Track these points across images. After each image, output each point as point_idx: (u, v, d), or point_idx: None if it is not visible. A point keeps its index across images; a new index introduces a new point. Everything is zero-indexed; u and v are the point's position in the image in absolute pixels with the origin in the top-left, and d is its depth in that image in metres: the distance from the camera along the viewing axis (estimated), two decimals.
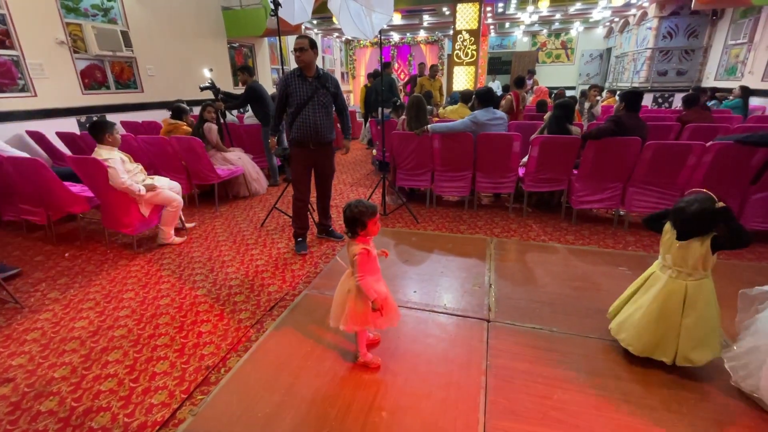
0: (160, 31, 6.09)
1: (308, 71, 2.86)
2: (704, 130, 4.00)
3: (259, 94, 4.84)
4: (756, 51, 6.47)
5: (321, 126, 2.92)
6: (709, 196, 1.57)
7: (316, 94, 2.87)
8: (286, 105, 2.97)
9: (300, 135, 2.93)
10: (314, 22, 10.59)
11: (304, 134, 2.93)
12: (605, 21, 11.48)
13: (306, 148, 2.99)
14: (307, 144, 2.97)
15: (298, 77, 2.87)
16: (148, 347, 2.05)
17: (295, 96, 2.87)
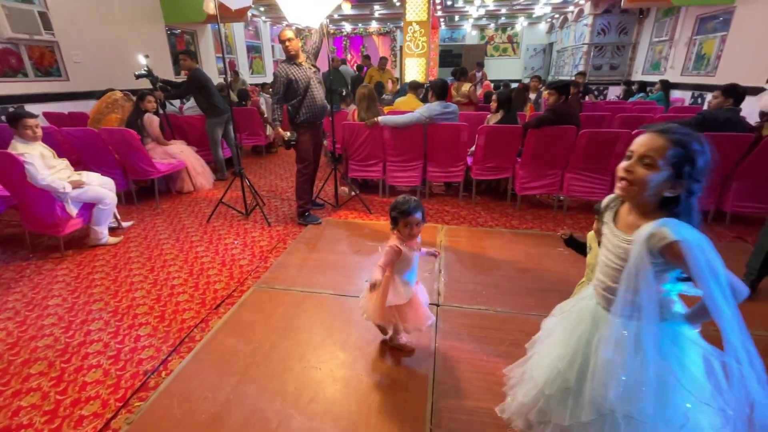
0: (86, 13, 5.54)
1: (299, 58, 3.13)
2: (632, 119, 4.35)
3: (203, 83, 4.54)
4: (676, 47, 7.09)
5: (325, 101, 3.28)
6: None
7: (314, 75, 3.17)
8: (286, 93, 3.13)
9: (311, 115, 3.20)
10: (261, 9, 10.16)
11: (314, 113, 3.21)
12: (547, 17, 12.06)
13: (314, 127, 3.29)
14: (316, 122, 3.28)
15: (293, 65, 3.10)
16: (77, 356, 1.89)
17: (299, 82, 3.09)
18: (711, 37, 6.17)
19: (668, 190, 0.90)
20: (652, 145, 0.90)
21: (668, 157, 0.88)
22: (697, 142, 0.89)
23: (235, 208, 3.72)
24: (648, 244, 0.88)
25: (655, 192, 0.91)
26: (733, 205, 3.28)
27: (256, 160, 6.09)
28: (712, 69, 6.04)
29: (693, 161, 0.87)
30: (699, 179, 0.89)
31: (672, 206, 0.91)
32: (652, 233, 0.87)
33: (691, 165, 0.88)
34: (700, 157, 0.88)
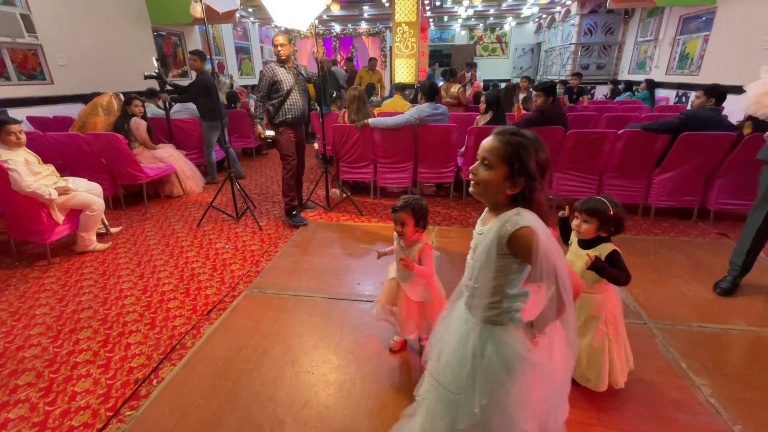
0: (70, 15, 5.45)
1: (288, 62, 3.28)
2: (619, 119, 4.42)
3: (210, 87, 4.49)
4: (660, 47, 7.22)
5: (304, 108, 3.40)
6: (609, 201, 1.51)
7: (297, 80, 3.31)
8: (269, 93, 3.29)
9: (290, 117, 3.33)
10: (249, 10, 10.09)
11: (293, 116, 3.33)
12: (534, 17, 12.17)
13: (294, 128, 3.41)
14: (295, 124, 3.40)
15: (281, 67, 3.26)
16: (66, 366, 1.87)
17: (283, 84, 3.24)
18: (694, 37, 6.29)
19: (509, 188, 0.95)
20: (489, 147, 0.96)
21: (502, 157, 0.94)
22: (526, 142, 0.94)
23: (226, 212, 3.70)
24: (499, 232, 0.94)
25: (498, 190, 0.96)
26: (717, 202, 3.35)
27: (246, 163, 6.05)
28: (696, 68, 6.16)
29: (522, 160, 0.92)
30: (533, 176, 0.94)
31: (519, 202, 0.97)
32: (506, 219, 0.94)
33: (520, 163, 0.93)
34: (529, 155, 0.93)
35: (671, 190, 3.41)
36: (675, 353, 1.89)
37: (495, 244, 0.95)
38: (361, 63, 12.03)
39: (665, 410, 1.58)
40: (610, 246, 1.50)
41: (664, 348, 1.93)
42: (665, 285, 2.48)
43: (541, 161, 0.94)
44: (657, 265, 2.72)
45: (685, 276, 2.58)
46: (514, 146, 0.93)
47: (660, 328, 2.07)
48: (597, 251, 1.49)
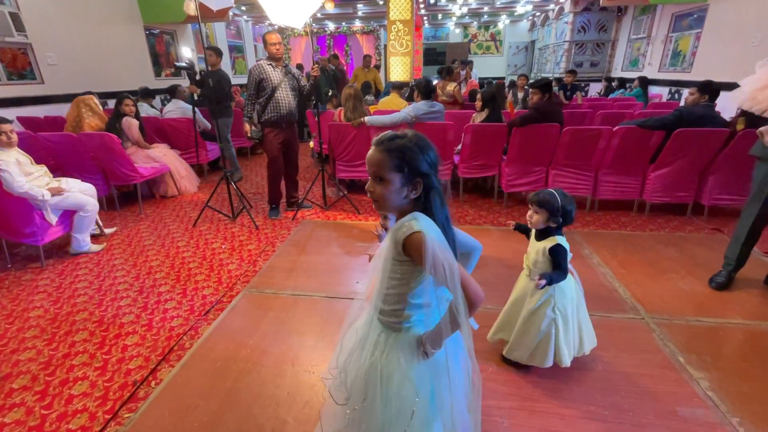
0: (60, 14, 5.37)
1: (278, 62, 3.31)
2: (613, 116, 4.44)
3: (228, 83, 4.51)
4: (653, 45, 7.27)
5: (292, 107, 3.38)
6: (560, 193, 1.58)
7: (285, 79, 3.31)
8: (258, 91, 3.31)
9: (275, 116, 3.33)
10: (243, 8, 10.01)
11: (279, 115, 3.33)
12: (528, 15, 12.20)
13: (279, 128, 3.40)
14: (281, 124, 3.38)
15: (269, 66, 3.27)
16: (62, 368, 1.85)
17: (269, 81, 3.25)
18: (686, 34, 6.34)
19: (410, 193, 0.92)
20: (374, 160, 0.93)
21: (391, 166, 0.90)
22: (408, 143, 0.91)
23: (222, 212, 3.67)
24: (394, 237, 0.92)
25: (398, 199, 0.93)
26: (711, 198, 3.39)
27: (242, 162, 6.00)
28: (688, 65, 6.21)
29: (410, 162, 0.90)
30: (425, 175, 0.92)
31: (420, 204, 0.95)
32: (402, 224, 0.91)
33: (409, 166, 0.90)
34: (415, 155, 0.90)
35: (666, 186, 3.44)
36: (672, 347, 1.90)
37: (392, 250, 0.93)
38: (356, 62, 12.00)
39: (664, 404, 1.60)
40: (555, 239, 1.59)
41: (661, 342, 1.94)
42: (661, 280, 2.51)
43: (429, 158, 0.92)
44: (653, 261, 2.74)
45: (680, 271, 2.60)
46: (397, 152, 0.90)
47: (657, 323, 2.09)
48: (546, 243, 1.60)
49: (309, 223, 3.55)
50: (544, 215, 1.57)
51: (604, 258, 2.78)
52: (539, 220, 1.59)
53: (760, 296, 2.32)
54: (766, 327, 2.06)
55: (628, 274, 2.57)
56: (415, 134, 0.94)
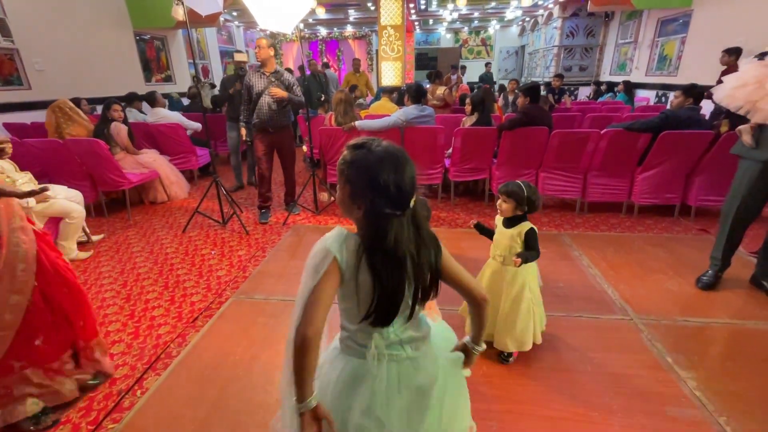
0: (48, 19, 5.33)
1: (266, 68, 3.37)
2: (602, 119, 4.50)
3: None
4: (640, 49, 7.40)
5: (274, 113, 3.40)
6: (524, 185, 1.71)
7: (268, 87, 3.34)
8: (250, 97, 3.43)
9: (259, 121, 3.43)
10: (234, 13, 10.02)
11: (261, 120, 3.42)
12: (518, 20, 12.36)
13: (266, 132, 3.48)
14: (267, 128, 3.45)
15: (256, 72, 3.39)
16: None
17: (254, 87, 3.37)
18: (672, 38, 6.46)
19: (355, 208, 0.86)
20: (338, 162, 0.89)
21: (342, 175, 0.86)
22: (362, 157, 0.83)
23: (212, 217, 3.64)
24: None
25: (348, 211, 0.88)
26: (697, 199, 3.44)
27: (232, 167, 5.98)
28: (674, 69, 6.33)
29: (352, 179, 0.84)
30: (360, 193, 0.83)
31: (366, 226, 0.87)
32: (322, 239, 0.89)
33: (344, 178, 0.85)
34: (361, 174, 0.82)
35: (653, 188, 3.49)
36: (660, 347, 1.92)
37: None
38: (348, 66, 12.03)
39: (652, 404, 1.60)
40: (528, 224, 1.74)
41: (649, 343, 1.96)
42: (649, 281, 2.53)
43: (375, 181, 0.80)
44: (641, 262, 2.77)
45: (668, 272, 2.63)
46: (348, 163, 0.84)
47: (645, 323, 2.10)
48: (518, 229, 1.74)
49: (300, 228, 3.53)
50: (512, 204, 1.73)
51: (593, 259, 2.80)
52: (508, 209, 1.74)
53: (746, 296, 2.35)
54: (751, 326, 2.09)
55: (617, 275, 2.60)
56: (384, 149, 0.83)
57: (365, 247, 0.85)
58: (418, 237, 0.88)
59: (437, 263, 0.92)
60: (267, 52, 3.30)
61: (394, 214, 0.83)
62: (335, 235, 0.87)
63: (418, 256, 0.87)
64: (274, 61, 3.43)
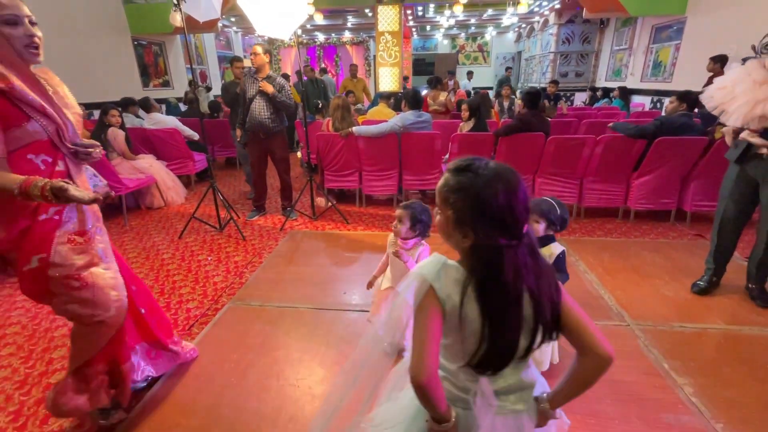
0: (45, 24, 5.26)
1: (259, 73, 3.42)
2: (598, 124, 4.53)
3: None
4: (634, 55, 7.47)
5: (265, 118, 3.44)
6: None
7: (261, 92, 3.38)
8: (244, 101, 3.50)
9: (251, 126, 3.50)
10: (232, 19, 10.06)
11: (252, 125, 3.48)
12: (514, 27, 12.47)
13: (258, 138, 3.55)
14: (258, 133, 3.52)
15: (250, 78, 3.45)
16: (38, 387, 1.79)
17: (246, 93, 3.45)
18: (666, 45, 6.53)
19: (460, 237, 0.77)
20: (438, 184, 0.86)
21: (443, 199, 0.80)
22: (469, 182, 0.74)
23: (209, 223, 3.63)
24: None
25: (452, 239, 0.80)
26: (693, 204, 3.46)
27: (229, 172, 5.98)
28: (669, 75, 6.39)
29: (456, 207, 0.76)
30: (473, 229, 0.74)
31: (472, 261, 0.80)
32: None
33: (448, 204, 0.78)
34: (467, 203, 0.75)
35: (649, 193, 3.50)
36: (657, 354, 1.92)
37: None
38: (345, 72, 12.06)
39: (649, 410, 1.60)
40: (559, 246, 1.66)
41: (646, 349, 1.96)
42: (646, 286, 2.53)
43: (488, 210, 0.72)
44: (638, 267, 2.78)
45: (664, 277, 2.64)
46: (451, 188, 0.76)
47: (642, 329, 2.10)
48: (548, 251, 1.64)
49: (297, 233, 3.53)
50: (545, 224, 1.64)
51: (590, 265, 2.80)
52: (539, 229, 1.64)
53: (741, 301, 2.36)
54: (747, 332, 2.09)
55: (613, 280, 2.60)
56: (494, 170, 0.73)
57: (476, 281, 0.75)
58: (537, 267, 0.76)
59: (557, 298, 0.78)
60: (262, 59, 3.36)
61: (509, 245, 0.73)
62: (432, 263, 0.79)
63: (538, 290, 0.75)
64: (268, 67, 3.47)
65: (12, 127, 1.20)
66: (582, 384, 0.82)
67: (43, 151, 1.28)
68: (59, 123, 1.30)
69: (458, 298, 0.75)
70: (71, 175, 1.35)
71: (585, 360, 0.80)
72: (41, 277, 1.28)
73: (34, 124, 1.24)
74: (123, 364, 1.52)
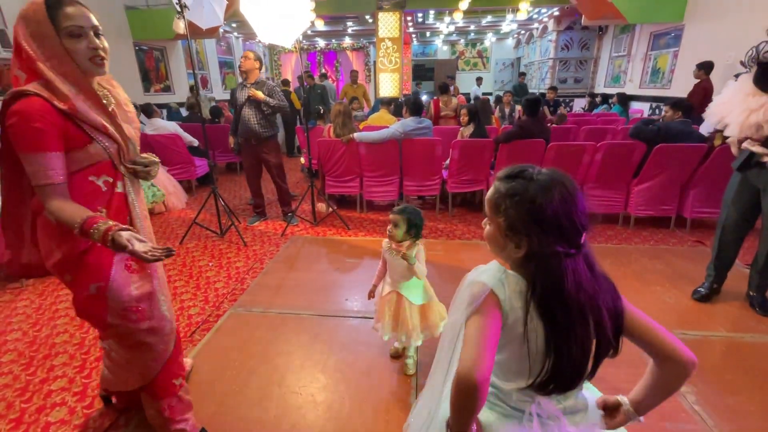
0: None
1: (249, 79, 3.40)
2: (597, 131, 4.56)
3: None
4: (633, 62, 7.53)
5: (254, 124, 3.44)
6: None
7: (250, 98, 3.37)
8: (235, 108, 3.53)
9: (242, 132, 3.52)
10: (233, 25, 10.12)
11: (243, 131, 3.50)
12: (513, 33, 12.56)
13: (250, 144, 3.56)
14: (250, 139, 3.52)
15: (240, 84, 3.47)
16: (39, 394, 1.78)
17: (237, 100, 3.46)
18: (664, 52, 6.59)
19: (512, 247, 0.75)
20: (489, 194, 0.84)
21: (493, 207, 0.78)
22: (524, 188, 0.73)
23: (210, 228, 3.64)
24: None
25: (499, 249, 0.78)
26: (692, 211, 3.47)
27: (231, 178, 6.00)
28: (667, 82, 6.43)
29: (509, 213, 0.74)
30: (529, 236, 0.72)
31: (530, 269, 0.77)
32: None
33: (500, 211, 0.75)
34: (522, 207, 0.72)
35: (649, 200, 3.52)
36: None
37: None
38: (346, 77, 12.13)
39: (652, 419, 1.60)
40: None
41: (647, 357, 1.95)
42: (647, 293, 2.54)
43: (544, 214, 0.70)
44: (638, 274, 2.78)
45: (665, 284, 2.64)
46: (503, 195, 0.73)
47: None
48: None
49: (298, 239, 3.53)
50: None
51: None
52: None
53: (742, 308, 2.37)
54: (748, 339, 2.10)
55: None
56: (548, 175, 0.72)
57: (538, 293, 0.69)
58: (594, 279, 0.72)
59: (619, 309, 0.75)
60: (252, 64, 3.36)
61: (568, 253, 0.69)
62: (493, 269, 0.74)
63: (597, 303, 0.71)
64: (257, 73, 3.46)
65: (74, 149, 1.14)
66: (667, 391, 0.79)
67: (105, 172, 1.23)
68: (120, 143, 1.25)
69: (522, 311, 0.71)
70: (130, 196, 1.30)
71: (666, 368, 0.78)
72: (99, 305, 1.23)
73: (96, 145, 1.19)
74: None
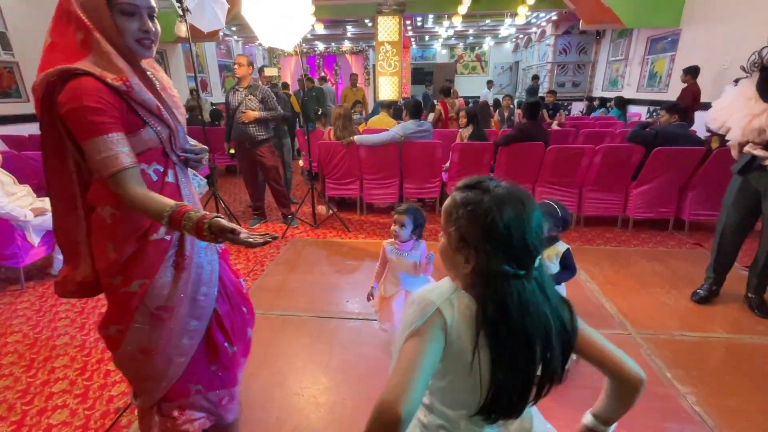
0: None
1: (241, 83, 3.47)
2: (596, 134, 4.59)
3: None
4: (630, 66, 7.59)
5: (248, 128, 3.47)
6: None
7: (243, 101, 3.43)
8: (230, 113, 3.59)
9: (236, 136, 3.56)
10: (233, 28, 10.17)
11: (237, 135, 3.55)
12: (512, 37, 12.65)
13: (244, 147, 3.59)
14: (244, 143, 3.56)
15: (233, 88, 3.52)
16: (40, 396, 1.78)
17: (230, 104, 3.52)
18: (661, 56, 6.64)
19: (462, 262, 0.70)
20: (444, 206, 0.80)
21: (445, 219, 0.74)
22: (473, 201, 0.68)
23: None
24: None
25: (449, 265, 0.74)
26: (691, 213, 3.49)
27: (230, 180, 6.00)
28: (664, 86, 6.48)
29: (459, 226, 0.69)
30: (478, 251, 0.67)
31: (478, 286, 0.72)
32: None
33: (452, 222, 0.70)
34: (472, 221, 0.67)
35: (648, 202, 3.54)
36: (660, 362, 1.93)
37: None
38: (345, 81, 12.18)
39: (653, 420, 1.61)
40: (564, 245, 1.77)
41: (648, 358, 1.97)
42: (646, 295, 2.55)
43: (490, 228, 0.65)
44: (638, 276, 2.80)
45: (664, 285, 2.66)
46: (457, 204, 0.69)
47: (644, 338, 2.12)
48: (554, 249, 1.75)
49: (298, 241, 3.54)
50: (549, 224, 1.70)
51: (591, 273, 2.82)
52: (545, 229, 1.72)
53: (741, 310, 2.38)
54: (748, 340, 2.11)
55: (614, 289, 2.62)
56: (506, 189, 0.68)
57: (489, 317, 0.65)
58: (547, 303, 0.68)
59: (572, 338, 0.72)
60: (246, 70, 3.41)
61: (516, 275, 0.65)
62: (444, 287, 0.71)
63: (547, 331, 0.67)
64: (250, 78, 3.48)
65: (127, 134, 1.03)
66: (624, 406, 0.79)
67: (155, 159, 1.13)
68: (173, 127, 1.15)
69: (471, 341, 0.66)
70: (181, 186, 1.22)
71: (617, 385, 0.77)
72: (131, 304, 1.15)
73: (149, 130, 1.09)
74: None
